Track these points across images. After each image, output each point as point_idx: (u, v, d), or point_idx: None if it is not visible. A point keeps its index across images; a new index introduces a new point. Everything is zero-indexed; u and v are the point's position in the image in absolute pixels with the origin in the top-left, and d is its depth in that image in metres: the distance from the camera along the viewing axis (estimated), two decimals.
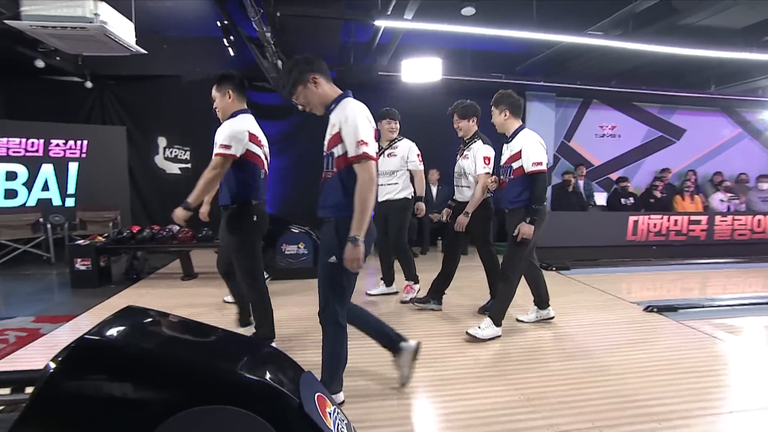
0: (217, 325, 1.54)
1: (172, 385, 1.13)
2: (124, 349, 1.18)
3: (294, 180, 6.83)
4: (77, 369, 1.15)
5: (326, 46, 5.49)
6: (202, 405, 1.10)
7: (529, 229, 2.89)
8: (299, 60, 2.02)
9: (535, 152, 2.94)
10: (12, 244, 5.32)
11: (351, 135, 1.88)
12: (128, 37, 4.10)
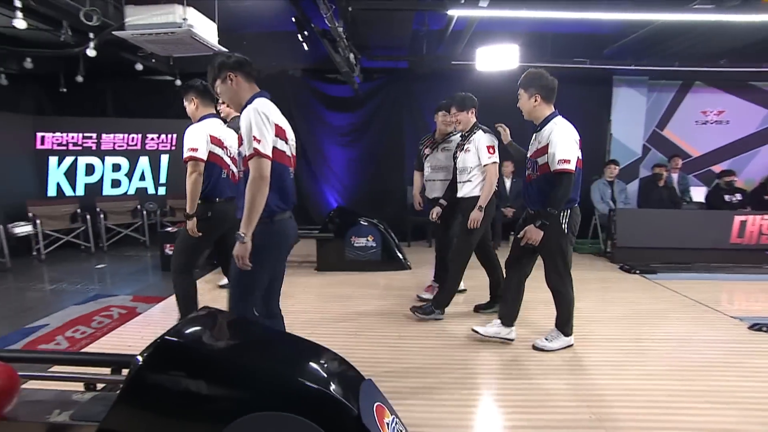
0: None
1: (236, 389, 1.21)
2: (197, 351, 1.29)
3: (364, 171, 6.91)
4: (158, 365, 1.27)
5: (398, 37, 5.45)
6: (263, 411, 1.16)
7: (537, 234, 2.57)
8: (224, 57, 2.06)
9: (564, 148, 2.56)
10: (116, 228, 6.04)
11: (247, 133, 1.85)
12: (212, 38, 4.38)
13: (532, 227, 2.58)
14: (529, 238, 2.60)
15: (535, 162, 2.72)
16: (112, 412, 1.27)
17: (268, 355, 1.36)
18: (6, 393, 1.49)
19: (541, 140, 2.68)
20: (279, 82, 6.77)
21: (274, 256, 2.02)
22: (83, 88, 6.24)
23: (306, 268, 5.07)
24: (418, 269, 5.00)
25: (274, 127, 1.92)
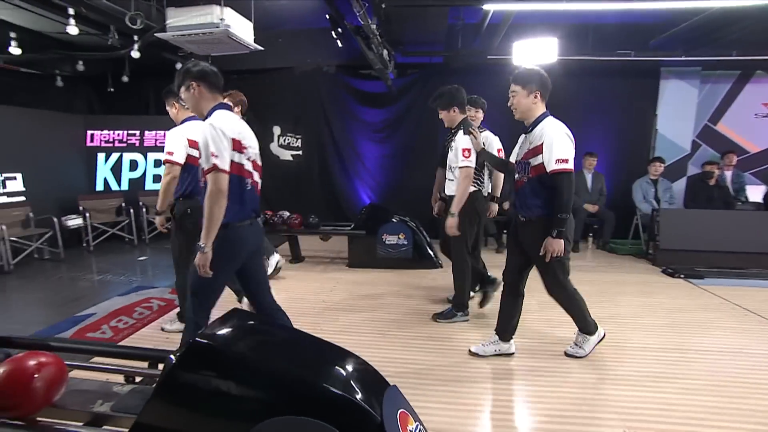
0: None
1: (262, 392, 1.25)
2: (226, 354, 1.34)
3: (397, 168, 6.90)
4: (190, 365, 1.33)
5: (433, 32, 5.38)
6: (287, 414, 1.19)
7: (558, 245, 2.40)
8: (190, 65, 2.12)
9: (562, 147, 2.40)
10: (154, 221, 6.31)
11: (204, 148, 1.93)
12: (248, 37, 4.49)
13: (551, 239, 2.40)
14: (552, 251, 2.41)
15: (527, 164, 2.54)
16: (147, 407, 1.34)
17: (294, 359, 1.40)
18: (56, 383, 1.60)
19: (533, 140, 2.52)
20: (313, 79, 6.86)
21: (231, 264, 2.12)
22: (129, 87, 6.57)
23: (338, 264, 5.14)
24: (450, 268, 4.94)
25: (231, 141, 1.98)
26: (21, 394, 1.51)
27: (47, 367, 1.56)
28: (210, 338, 1.37)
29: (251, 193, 2.13)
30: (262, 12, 5.43)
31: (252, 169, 2.14)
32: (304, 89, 6.92)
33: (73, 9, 4.04)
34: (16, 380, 1.51)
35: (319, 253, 5.60)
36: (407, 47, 6.03)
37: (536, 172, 2.48)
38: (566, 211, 2.37)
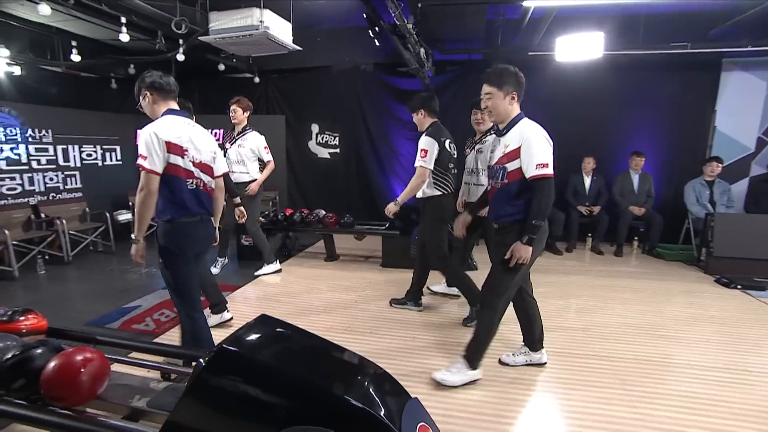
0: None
1: (283, 401, 1.29)
2: (250, 361, 1.39)
3: None
4: (217, 370, 1.39)
5: (471, 29, 5.28)
6: (307, 425, 1.22)
7: (526, 252, 2.27)
8: (145, 75, 2.32)
9: (541, 150, 2.25)
10: None
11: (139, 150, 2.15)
12: (286, 37, 4.58)
13: (520, 244, 2.27)
14: (518, 257, 2.28)
15: (503, 169, 2.39)
16: (178, 407, 1.42)
17: (317, 368, 1.43)
18: (100, 377, 1.72)
19: (509, 144, 2.37)
20: (351, 77, 6.91)
21: (182, 255, 2.31)
22: None
23: (372, 264, 5.18)
24: (486, 270, 4.85)
25: (165, 144, 2.16)
26: (69, 388, 1.64)
27: (92, 363, 1.68)
28: (237, 344, 1.43)
29: (194, 193, 2.31)
30: (301, 12, 5.53)
31: (197, 170, 2.33)
32: (342, 87, 6.99)
33: (125, 17, 4.30)
34: (65, 374, 1.64)
35: (353, 252, 5.67)
36: (445, 45, 5.95)
37: (512, 177, 2.34)
38: (541, 218, 2.25)
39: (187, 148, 2.26)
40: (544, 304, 3.72)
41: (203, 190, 2.37)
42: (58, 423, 1.56)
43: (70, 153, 5.75)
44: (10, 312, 2.12)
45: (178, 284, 2.32)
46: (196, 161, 2.32)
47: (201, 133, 2.41)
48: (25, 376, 1.69)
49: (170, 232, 2.24)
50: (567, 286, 4.37)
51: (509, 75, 2.37)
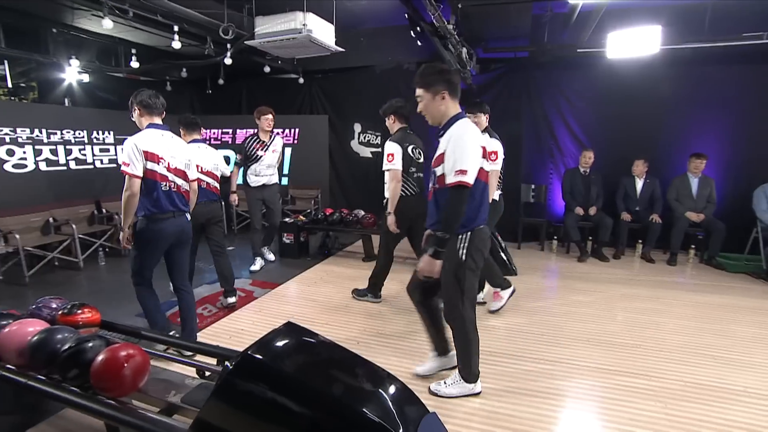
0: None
1: (302, 412, 1.34)
2: (272, 369, 1.46)
3: None
4: (242, 375, 1.47)
5: (515, 27, 5.13)
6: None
7: (430, 266, 2.13)
8: (138, 93, 2.77)
9: (462, 155, 2.10)
10: (245, 214, 6.90)
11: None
12: (328, 40, 4.67)
13: (426, 257, 2.14)
14: (422, 270, 2.17)
15: (434, 173, 2.29)
16: (206, 406, 1.51)
17: (337, 381, 1.47)
18: (142, 372, 1.87)
19: (440, 147, 2.26)
20: (393, 77, 6.92)
21: (151, 246, 2.79)
22: (224, 89, 7.22)
23: (409, 265, 5.18)
24: (525, 275, 4.77)
25: (143, 153, 2.63)
26: (114, 380, 1.79)
27: (134, 359, 1.83)
28: (261, 352, 1.51)
29: (168, 193, 2.78)
30: (345, 12, 5.62)
31: (171, 175, 2.79)
32: (385, 87, 7.02)
33: (177, 26, 4.56)
34: (111, 368, 1.79)
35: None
36: (489, 43, 5.83)
37: (441, 182, 2.22)
38: (448, 230, 2.10)
39: (162, 156, 2.72)
40: (584, 314, 3.66)
41: (176, 191, 2.83)
42: (104, 412, 1.71)
43: None
44: (69, 306, 2.34)
45: (137, 264, 2.83)
46: (171, 167, 2.78)
47: (177, 143, 2.88)
48: (78, 366, 1.86)
49: (146, 226, 2.73)
50: (612, 296, 4.18)
51: (435, 74, 2.27)
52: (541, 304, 3.95)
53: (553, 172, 6.41)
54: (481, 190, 2.24)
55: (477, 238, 2.23)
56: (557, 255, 5.74)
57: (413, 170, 3.67)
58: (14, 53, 5.30)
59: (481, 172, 2.20)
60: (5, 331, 2.12)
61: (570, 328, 3.43)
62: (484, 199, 2.27)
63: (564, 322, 3.56)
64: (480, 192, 2.24)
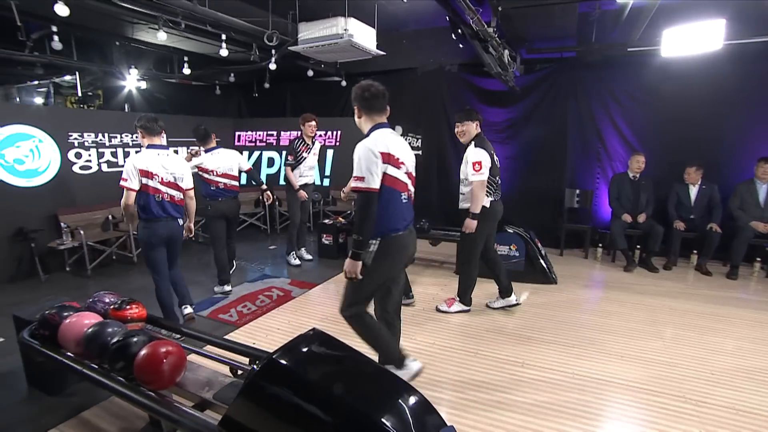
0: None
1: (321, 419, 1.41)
2: (294, 375, 1.54)
3: (519, 170, 6.56)
4: (265, 378, 1.56)
5: (561, 27, 4.98)
6: None
7: (352, 266, 2.30)
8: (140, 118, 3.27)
9: (358, 163, 2.25)
10: (286, 214, 7.13)
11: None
12: (370, 44, 4.76)
13: (348, 259, 2.31)
14: (346, 271, 2.34)
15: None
16: (234, 404, 1.62)
17: (357, 390, 1.52)
18: (179, 367, 2.02)
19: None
20: (436, 79, 6.91)
21: (149, 243, 3.31)
22: (270, 92, 7.52)
23: (446, 270, 5.20)
24: (566, 284, 4.64)
25: (138, 171, 3.14)
26: (154, 374, 1.94)
27: (172, 355, 1.98)
28: (285, 358, 1.59)
29: (160, 203, 3.27)
30: (387, 15, 5.69)
31: (164, 188, 3.27)
32: (427, 89, 7.02)
33: (225, 34, 4.81)
34: (151, 363, 1.95)
35: (429, 257, 5.73)
36: (534, 44, 5.69)
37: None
38: (358, 233, 2.25)
39: (156, 172, 3.23)
40: (624, 328, 3.51)
41: (169, 201, 3.33)
42: (143, 403, 1.87)
43: (179, 154, 6.57)
44: (119, 301, 2.55)
45: (148, 260, 3.39)
46: (164, 181, 3.28)
47: (172, 160, 3.37)
48: (124, 359, 2.04)
49: (143, 228, 3.30)
50: (659, 309, 3.97)
51: (353, 92, 2.45)
52: (577, 315, 3.84)
53: (600, 177, 6.15)
54: (386, 197, 2.30)
55: (387, 245, 2.34)
56: (601, 263, 5.52)
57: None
58: (84, 65, 5.83)
59: (386, 178, 2.28)
60: (66, 322, 2.36)
61: (606, 342, 3.31)
62: (390, 206, 2.33)
63: (599, 335, 3.44)
64: (385, 199, 2.29)
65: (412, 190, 2.50)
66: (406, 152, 2.43)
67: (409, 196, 2.47)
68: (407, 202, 2.44)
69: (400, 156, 2.34)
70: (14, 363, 2.81)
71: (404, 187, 2.40)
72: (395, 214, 2.35)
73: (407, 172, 2.42)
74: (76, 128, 5.21)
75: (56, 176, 4.98)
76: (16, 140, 4.64)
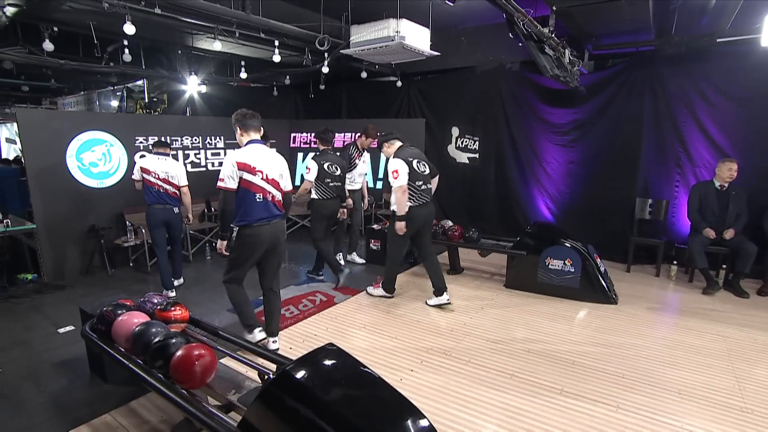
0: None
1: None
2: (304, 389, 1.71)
3: (585, 176, 6.29)
4: (278, 388, 1.74)
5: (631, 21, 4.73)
6: None
7: (220, 245, 3.32)
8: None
9: (222, 170, 3.14)
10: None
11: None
12: (422, 44, 4.85)
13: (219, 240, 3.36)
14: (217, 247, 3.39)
15: None
16: (250, 408, 1.81)
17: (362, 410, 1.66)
18: (210, 369, 2.26)
19: None
20: (495, 78, 6.83)
21: (150, 224, 4.60)
22: (325, 93, 7.88)
23: (496, 282, 5.17)
24: (628, 304, 4.43)
25: (141, 168, 4.50)
26: (186, 374, 2.21)
27: (203, 358, 2.23)
28: (297, 371, 1.77)
29: (158, 194, 4.50)
30: (443, 13, 5.76)
31: (161, 182, 4.51)
32: (485, 88, 6.96)
33: (277, 40, 5.15)
34: (184, 364, 2.21)
35: (479, 267, 5.72)
36: (602, 39, 5.46)
37: None
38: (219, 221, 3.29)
39: (154, 170, 4.47)
40: (689, 361, 3.32)
41: (165, 193, 4.53)
42: (174, 399, 2.13)
43: None
44: (165, 303, 2.88)
45: (152, 238, 4.65)
46: (160, 177, 4.50)
47: (170, 163, 4.56)
48: (162, 358, 2.32)
49: (147, 213, 4.52)
50: (741, 343, 3.65)
51: (233, 118, 3.26)
52: (634, 341, 3.66)
53: (680, 185, 5.73)
54: (241, 196, 3.15)
55: (242, 233, 3.21)
56: (676, 283, 5.18)
57: (328, 180, 4.91)
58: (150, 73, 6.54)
59: (242, 182, 3.13)
60: (118, 320, 2.71)
61: (663, 375, 3.14)
62: (244, 203, 3.17)
63: (657, 366, 3.27)
64: (240, 197, 3.15)
65: (274, 192, 3.25)
66: (269, 163, 3.23)
67: (266, 197, 3.21)
68: (263, 202, 3.20)
69: (257, 165, 3.15)
70: (81, 350, 3.27)
71: (259, 189, 3.18)
72: (249, 210, 3.17)
73: (265, 178, 3.19)
74: (141, 132, 5.83)
75: (123, 178, 5.62)
76: (92, 145, 5.31)
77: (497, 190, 7.13)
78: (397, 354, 3.41)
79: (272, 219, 3.27)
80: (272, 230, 3.28)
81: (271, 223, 3.27)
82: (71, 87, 9.01)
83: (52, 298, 4.63)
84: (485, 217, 7.24)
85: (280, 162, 3.34)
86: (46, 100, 10.62)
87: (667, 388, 2.99)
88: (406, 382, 3.00)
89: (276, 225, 3.31)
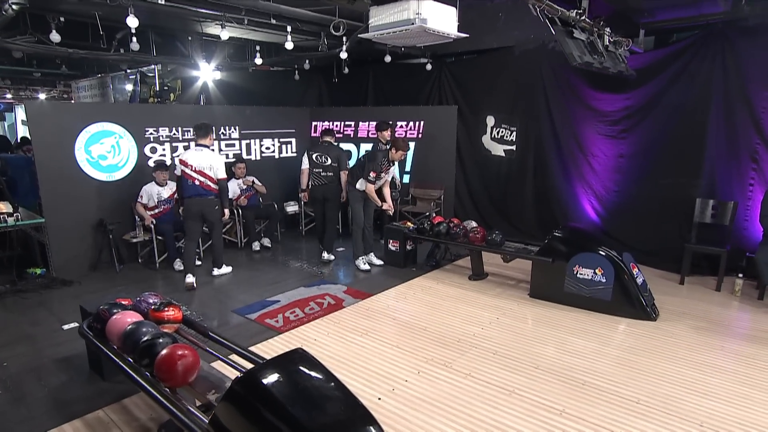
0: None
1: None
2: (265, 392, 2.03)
3: (637, 172, 6.28)
4: (243, 387, 2.08)
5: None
6: None
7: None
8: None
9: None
10: None
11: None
12: (448, 26, 5.04)
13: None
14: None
15: None
16: (219, 405, 2.16)
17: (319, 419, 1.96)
18: (191, 369, 2.65)
19: None
20: (535, 59, 6.86)
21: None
22: (350, 77, 8.23)
23: (520, 291, 5.31)
24: (669, 321, 4.47)
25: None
26: (168, 372, 2.60)
27: (185, 358, 2.61)
28: (261, 373, 2.10)
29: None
30: None
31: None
32: (524, 71, 7.02)
33: (290, 26, 5.52)
34: (167, 363, 2.60)
35: (506, 272, 5.88)
36: (657, 15, 5.42)
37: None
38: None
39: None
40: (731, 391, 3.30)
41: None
42: (158, 398, 2.53)
43: (252, 147, 7.58)
44: (159, 303, 3.31)
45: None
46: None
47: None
48: (149, 357, 2.73)
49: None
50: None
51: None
52: (662, 365, 3.68)
53: (756, 183, 5.54)
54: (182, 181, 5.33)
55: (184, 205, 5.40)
56: (740, 300, 5.08)
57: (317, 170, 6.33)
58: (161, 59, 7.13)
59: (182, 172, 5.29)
60: (112, 319, 3.16)
61: (686, 404, 3.15)
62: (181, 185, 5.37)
63: (683, 394, 3.28)
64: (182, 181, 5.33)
65: (202, 179, 5.26)
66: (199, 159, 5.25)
67: (194, 182, 5.25)
68: (193, 184, 5.26)
69: (188, 160, 5.24)
70: (82, 347, 3.75)
71: (190, 177, 5.25)
72: (185, 190, 5.32)
73: (194, 169, 5.24)
74: (152, 123, 6.38)
75: (133, 171, 6.19)
76: (101, 137, 5.90)
77: (534, 185, 7.21)
78: (395, 363, 3.70)
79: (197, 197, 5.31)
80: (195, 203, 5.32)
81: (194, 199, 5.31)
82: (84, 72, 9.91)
83: (59, 294, 5.26)
84: (523, 218, 7.34)
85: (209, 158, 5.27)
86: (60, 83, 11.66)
87: (688, 419, 2.98)
88: (398, 392, 3.27)
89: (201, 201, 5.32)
